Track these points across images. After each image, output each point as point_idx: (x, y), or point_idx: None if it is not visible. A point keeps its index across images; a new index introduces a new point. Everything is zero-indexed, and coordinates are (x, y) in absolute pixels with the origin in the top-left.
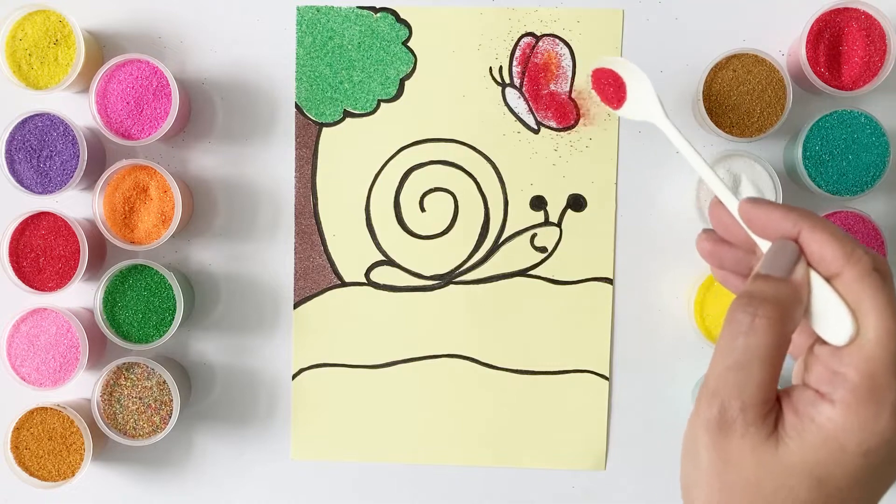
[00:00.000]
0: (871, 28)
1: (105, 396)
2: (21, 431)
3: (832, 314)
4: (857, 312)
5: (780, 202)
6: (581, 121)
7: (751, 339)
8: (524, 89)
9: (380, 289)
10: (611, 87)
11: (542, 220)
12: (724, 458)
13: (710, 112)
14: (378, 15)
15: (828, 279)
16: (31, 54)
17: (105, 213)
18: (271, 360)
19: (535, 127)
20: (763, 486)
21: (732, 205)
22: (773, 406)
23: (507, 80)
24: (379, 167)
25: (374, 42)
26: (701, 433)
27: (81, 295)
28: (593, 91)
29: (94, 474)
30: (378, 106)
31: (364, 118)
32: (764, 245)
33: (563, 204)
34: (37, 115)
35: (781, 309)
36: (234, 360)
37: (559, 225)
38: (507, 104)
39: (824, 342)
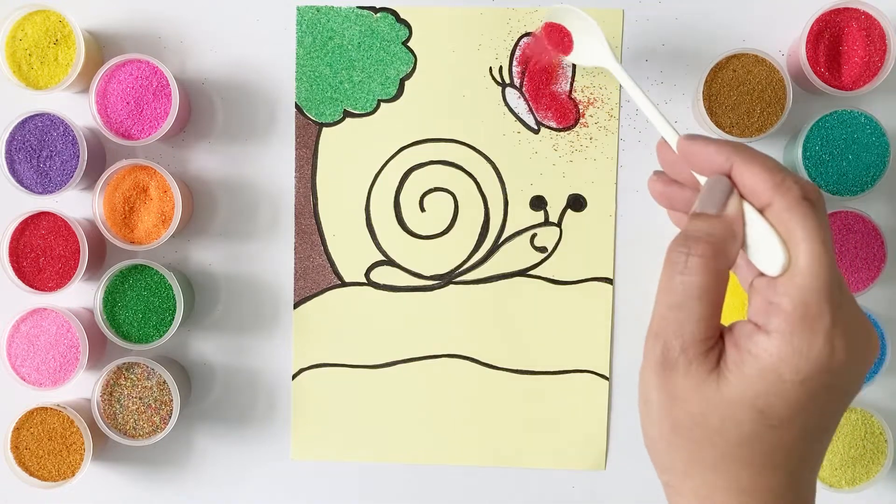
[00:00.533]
0: (871, 28)
1: (105, 396)
2: (21, 431)
3: (765, 245)
4: (789, 242)
5: None
6: (581, 121)
7: (686, 277)
8: (524, 89)
9: (380, 289)
10: (558, 36)
11: (542, 220)
12: (670, 395)
13: (710, 112)
14: (378, 15)
15: (760, 210)
16: (31, 54)
17: (105, 213)
18: (271, 360)
19: (535, 127)
20: (709, 420)
21: (674, 142)
22: (715, 342)
23: (507, 80)
24: (379, 167)
25: (374, 42)
26: (649, 375)
27: (81, 295)
28: (542, 37)
29: (94, 474)
30: (378, 106)
31: (364, 118)
32: (703, 181)
33: (563, 204)
34: (37, 115)
35: (714, 246)
36: (234, 360)
37: (559, 225)
38: (507, 104)
39: (762, 274)
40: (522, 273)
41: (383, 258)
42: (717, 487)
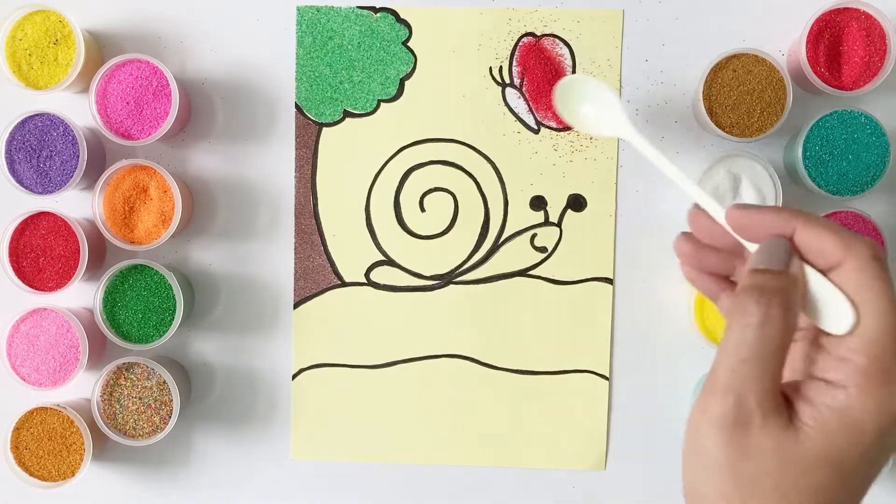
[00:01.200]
0: (871, 28)
1: (105, 396)
2: (21, 431)
3: (831, 305)
4: (859, 300)
5: (780, 202)
6: None
7: (766, 330)
8: (524, 89)
9: (380, 289)
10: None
11: (542, 220)
12: (740, 452)
13: (710, 112)
14: (378, 15)
15: (827, 270)
16: (31, 54)
17: (105, 213)
18: (271, 361)
19: (535, 127)
20: (785, 476)
21: (719, 214)
22: (783, 399)
23: (507, 80)
24: (379, 167)
25: (374, 42)
26: (710, 430)
27: (81, 295)
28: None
29: (94, 474)
30: (378, 106)
31: (364, 118)
32: (751, 246)
33: (563, 204)
34: (37, 115)
35: (789, 299)
36: (234, 360)
37: (559, 225)
38: (507, 104)
39: (826, 333)
40: (522, 273)
41: (383, 258)
42: None
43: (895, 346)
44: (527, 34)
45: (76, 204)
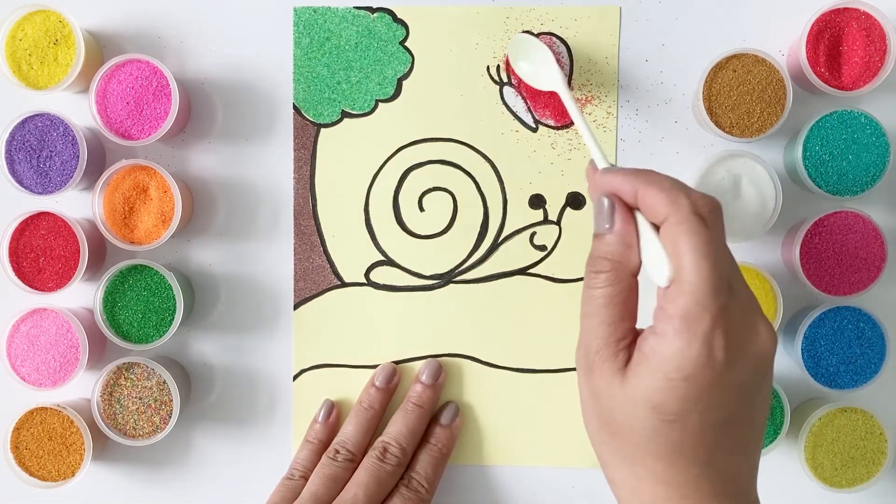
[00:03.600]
0: (871, 28)
1: (105, 396)
2: (21, 431)
3: (656, 258)
4: (676, 254)
5: (780, 202)
6: None
7: (593, 290)
8: (522, 88)
9: (380, 289)
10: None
11: (541, 218)
12: (591, 393)
13: (710, 112)
14: (375, 15)
15: (659, 226)
16: (30, 54)
17: (105, 213)
18: (271, 361)
19: (534, 125)
20: (616, 415)
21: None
22: (627, 344)
23: (505, 79)
24: (377, 167)
25: (372, 42)
26: (578, 375)
27: (81, 295)
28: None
29: (94, 474)
30: (376, 106)
31: (362, 118)
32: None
33: (563, 202)
34: (37, 115)
35: (613, 261)
36: (234, 360)
37: (558, 223)
38: (504, 103)
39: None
40: (522, 272)
41: (383, 258)
42: (641, 478)
43: (702, 299)
44: (524, 33)
45: (76, 204)
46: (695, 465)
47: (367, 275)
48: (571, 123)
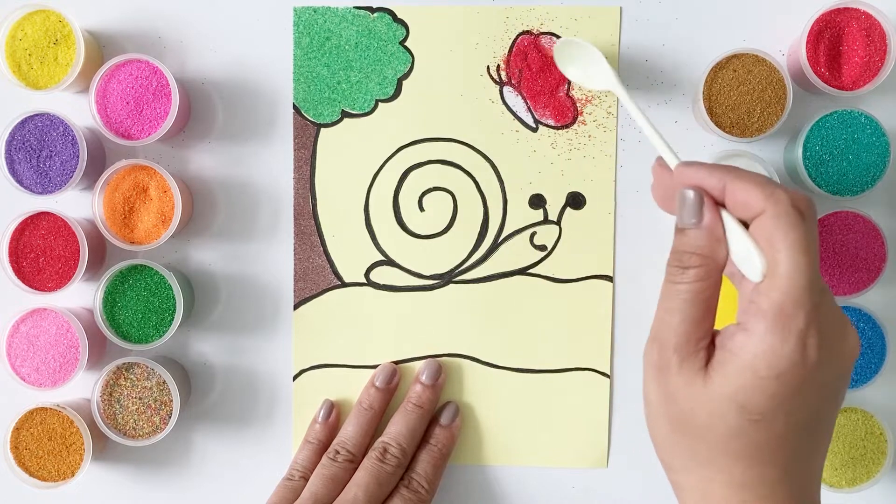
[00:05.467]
0: (871, 28)
1: (105, 396)
2: (21, 431)
3: (748, 252)
4: (772, 248)
5: None
6: (579, 119)
7: (680, 285)
8: (522, 88)
9: (380, 289)
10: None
11: (541, 218)
12: (666, 394)
13: (710, 112)
14: (375, 15)
15: (752, 220)
16: (30, 54)
17: (105, 213)
18: (271, 361)
19: (534, 125)
20: (697, 416)
21: (674, 165)
22: (707, 343)
23: (505, 79)
24: (377, 167)
25: (372, 42)
26: (648, 376)
27: (81, 295)
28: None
29: (94, 474)
30: (376, 106)
31: (362, 118)
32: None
33: (563, 202)
34: (37, 115)
35: (702, 256)
36: (234, 360)
37: (558, 223)
38: (504, 103)
39: (748, 280)
40: (522, 271)
41: (383, 258)
42: (714, 481)
43: (798, 295)
44: (524, 32)
45: (76, 204)
46: (774, 467)
47: (367, 275)
48: (571, 123)
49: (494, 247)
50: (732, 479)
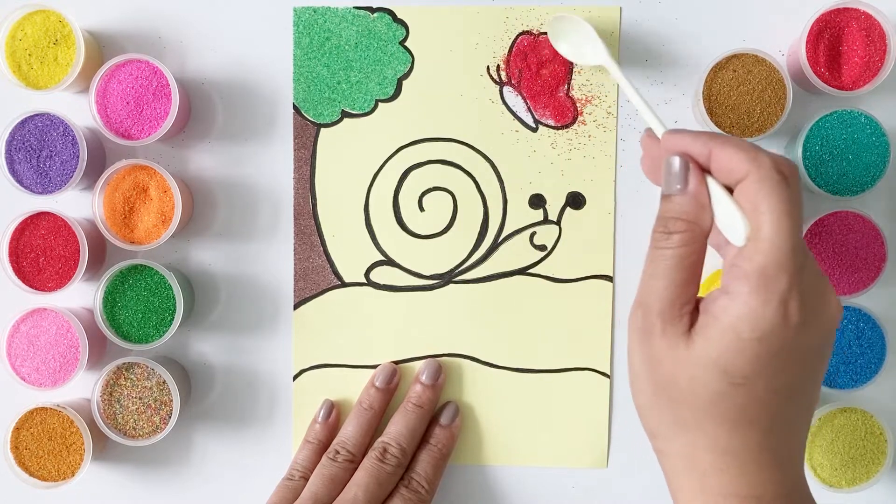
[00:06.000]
0: (871, 28)
1: (105, 396)
2: (21, 431)
3: (733, 216)
4: (756, 212)
5: None
6: (579, 119)
7: (664, 250)
8: (522, 88)
9: (380, 289)
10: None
11: (541, 218)
12: (649, 359)
13: (710, 112)
14: (375, 15)
15: (735, 185)
16: (30, 54)
17: (105, 213)
18: (271, 361)
19: (534, 125)
20: (679, 380)
21: (661, 133)
22: (691, 309)
23: (505, 79)
24: (377, 167)
25: (372, 42)
26: (632, 342)
27: (81, 295)
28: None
29: (94, 474)
30: (376, 106)
31: (362, 118)
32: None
33: (563, 202)
34: (37, 115)
35: (687, 221)
36: (234, 361)
37: (558, 223)
38: (504, 103)
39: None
40: (522, 271)
41: (383, 258)
42: (698, 447)
43: (780, 258)
44: (524, 32)
45: (76, 204)
46: (757, 431)
47: (367, 275)
48: (571, 123)
49: (494, 247)
50: (717, 444)
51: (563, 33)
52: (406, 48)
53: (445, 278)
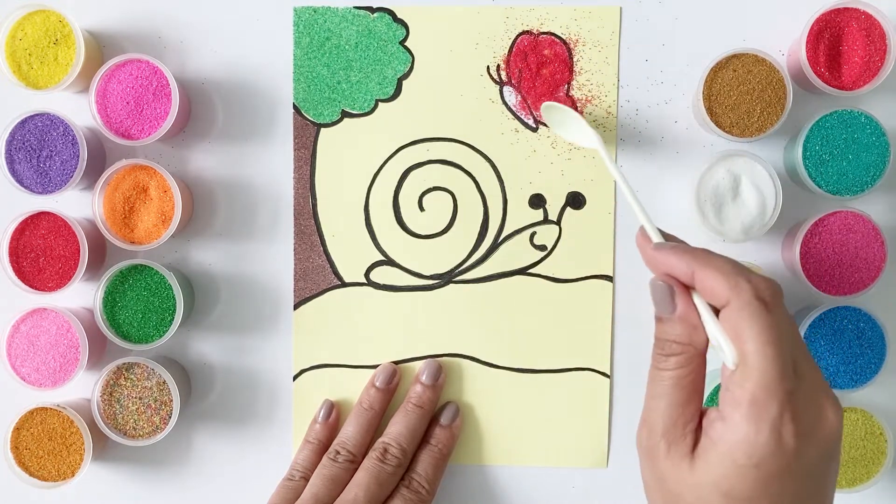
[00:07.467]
0: (871, 28)
1: (105, 396)
2: (21, 431)
3: (720, 341)
4: (740, 340)
5: (780, 202)
6: None
7: (662, 371)
8: (522, 88)
9: (380, 289)
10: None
11: (541, 218)
12: (656, 476)
13: (710, 112)
14: (375, 15)
15: (721, 308)
16: (30, 54)
17: (105, 213)
18: (271, 361)
19: (534, 125)
20: (685, 499)
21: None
22: (694, 427)
23: (505, 79)
24: (377, 167)
25: (372, 42)
26: (640, 458)
27: (81, 295)
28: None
29: (94, 474)
30: (376, 106)
31: (362, 118)
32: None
33: (563, 202)
34: (37, 115)
35: (681, 344)
36: (234, 360)
37: (558, 223)
38: (504, 103)
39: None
40: (522, 271)
41: (383, 258)
42: None
43: (768, 385)
44: (524, 32)
45: (76, 204)
46: None
47: (367, 275)
48: None
49: (494, 247)
50: None
51: (557, 122)
52: (406, 48)
53: (445, 278)
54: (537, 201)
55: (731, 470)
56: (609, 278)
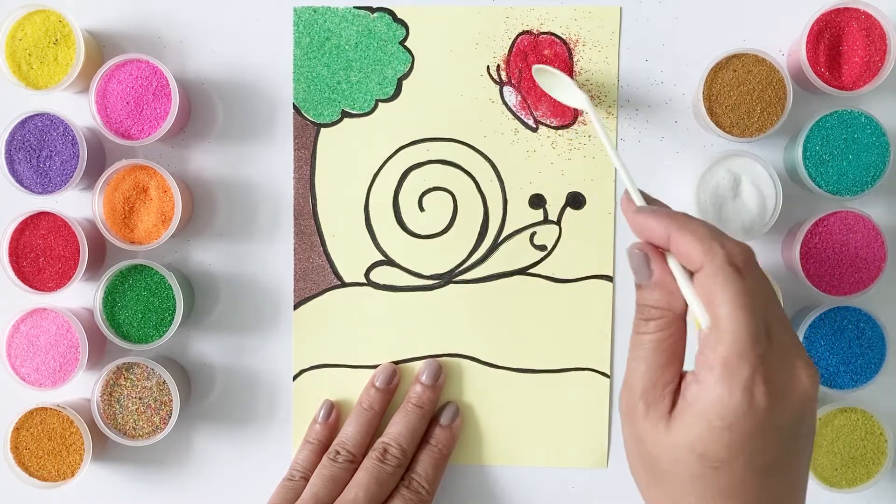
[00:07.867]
0: (871, 28)
1: (105, 396)
2: (21, 431)
3: (694, 306)
4: (712, 304)
5: (780, 202)
6: (579, 118)
7: (642, 335)
8: (522, 88)
9: (380, 289)
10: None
11: (541, 218)
12: (635, 438)
13: (710, 112)
14: (375, 15)
15: (695, 273)
16: (30, 54)
17: (105, 213)
18: (271, 361)
19: (534, 125)
20: (661, 461)
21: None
22: (673, 388)
23: (505, 79)
24: (377, 167)
25: (372, 42)
26: (622, 421)
27: (81, 295)
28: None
29: (94, 474)
30: (376, 106)
31: (362, 118)
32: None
33: (563, 202)
34: (37, 115)
35: (659, 308)
36: (234, 361)
37: (558, 223)
38: (504, 103)
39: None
40: (522, 271)
41: (383, 258)
42: None
43: (740, 348)
44: (524, 32)
45: (76, 204)
46: None
47: (367, 275)
48: (571, 123)
49: (494, 247)
50: None
51: (548, 86)
52: (406, 48)
53: (445, 278)
54: (537, 201)
55: (706, 431)
56: (609, 278)
